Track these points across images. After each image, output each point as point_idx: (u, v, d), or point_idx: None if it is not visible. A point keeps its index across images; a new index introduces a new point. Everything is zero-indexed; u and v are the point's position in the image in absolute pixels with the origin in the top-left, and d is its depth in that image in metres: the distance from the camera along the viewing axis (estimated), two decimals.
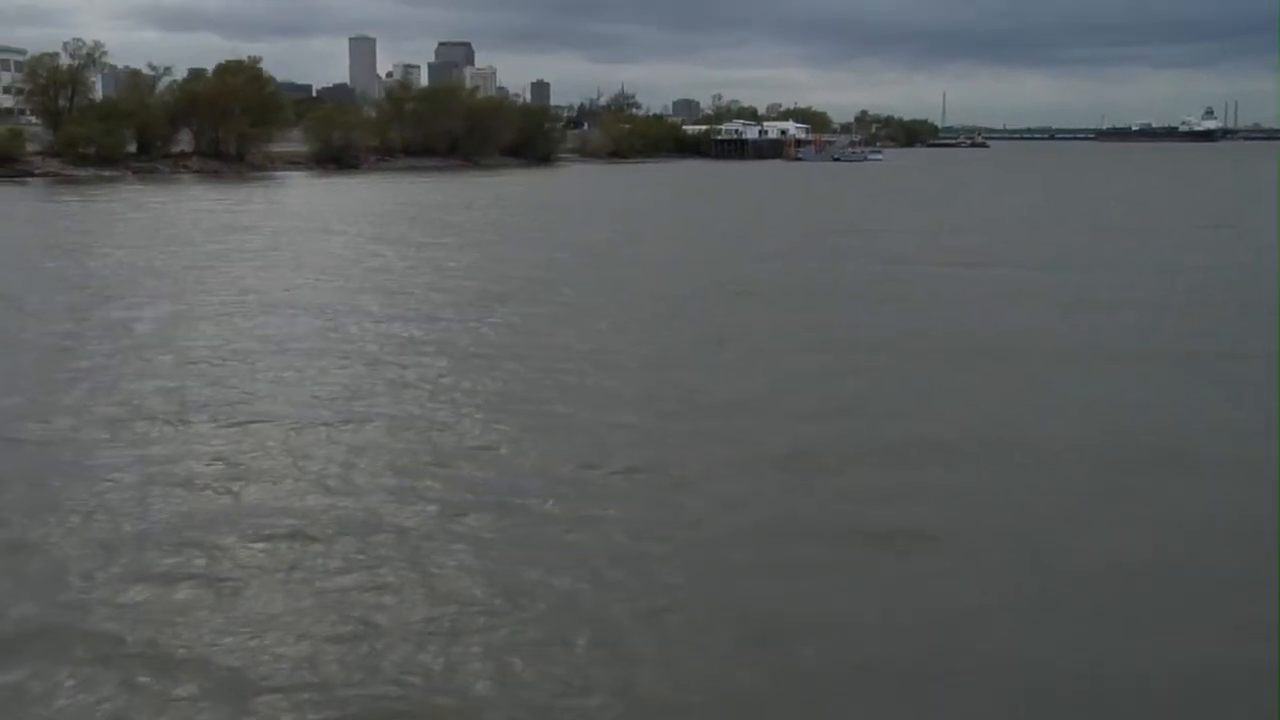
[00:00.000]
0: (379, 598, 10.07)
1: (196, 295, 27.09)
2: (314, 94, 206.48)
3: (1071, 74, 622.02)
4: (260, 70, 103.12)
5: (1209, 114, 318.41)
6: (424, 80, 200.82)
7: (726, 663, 9.08)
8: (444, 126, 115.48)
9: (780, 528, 11.83)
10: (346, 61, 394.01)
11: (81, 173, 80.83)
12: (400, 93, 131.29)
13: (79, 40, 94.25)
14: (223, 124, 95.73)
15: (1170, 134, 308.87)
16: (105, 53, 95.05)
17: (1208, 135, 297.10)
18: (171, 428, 15.30)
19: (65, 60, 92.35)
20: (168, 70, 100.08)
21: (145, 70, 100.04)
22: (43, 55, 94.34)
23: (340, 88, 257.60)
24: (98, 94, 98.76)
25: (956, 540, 11.56)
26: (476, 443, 14.78)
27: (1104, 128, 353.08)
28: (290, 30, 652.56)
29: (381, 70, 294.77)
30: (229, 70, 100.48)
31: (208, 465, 13.68)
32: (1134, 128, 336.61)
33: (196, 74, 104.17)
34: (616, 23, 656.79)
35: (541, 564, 10.79)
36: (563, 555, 11.04)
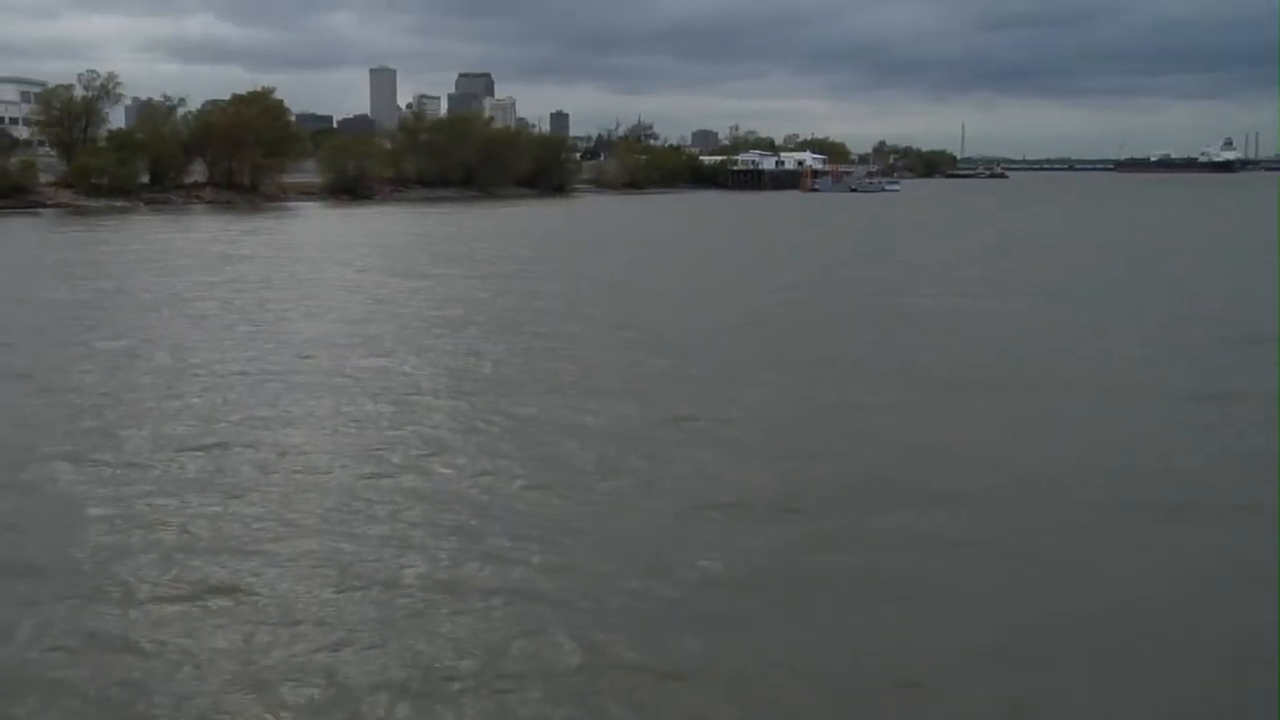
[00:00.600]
0: (350, 660, 9.18)
1: (187, 328, 26.40)
2: (335, 125, 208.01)
3: (1090, 104, 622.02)
4: (276, 101, 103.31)
5: (1228, 145, 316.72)
6: (444, 111, 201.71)
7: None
8: (459, 157, 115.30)
9: (778, 574, 11.14)
10: (367, 93, 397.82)
11: (94, 204, 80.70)
12: (415, 123, 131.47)
13: (93, 72, 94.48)
14: (237, 154, 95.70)
15: (1189, 165, 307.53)
16: (119, 84, 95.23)
17: (1227, 166, 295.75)
18: (144, 465, 14.50)
19: (80, 92, 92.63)
20: (183, 101, 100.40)
21: (160, 100, 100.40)
22: (57, 87, 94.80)
23: (360, 119, 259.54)
24: (115, 125, 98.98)
25: (957, 581, 10.95)
26: (461, 486, 13.91)
27: (1123, 158, 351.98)
28: (313, 63, 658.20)
29: (402, 101, 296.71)
30: (244, 101, 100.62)
31: (175, 507, 12.85)
32: (1153, 158, 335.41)
33: (212, 104, 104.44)
34: (636, 54, 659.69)
35: (525, 621, 9.95)
36: (548, 611, 10.16)
